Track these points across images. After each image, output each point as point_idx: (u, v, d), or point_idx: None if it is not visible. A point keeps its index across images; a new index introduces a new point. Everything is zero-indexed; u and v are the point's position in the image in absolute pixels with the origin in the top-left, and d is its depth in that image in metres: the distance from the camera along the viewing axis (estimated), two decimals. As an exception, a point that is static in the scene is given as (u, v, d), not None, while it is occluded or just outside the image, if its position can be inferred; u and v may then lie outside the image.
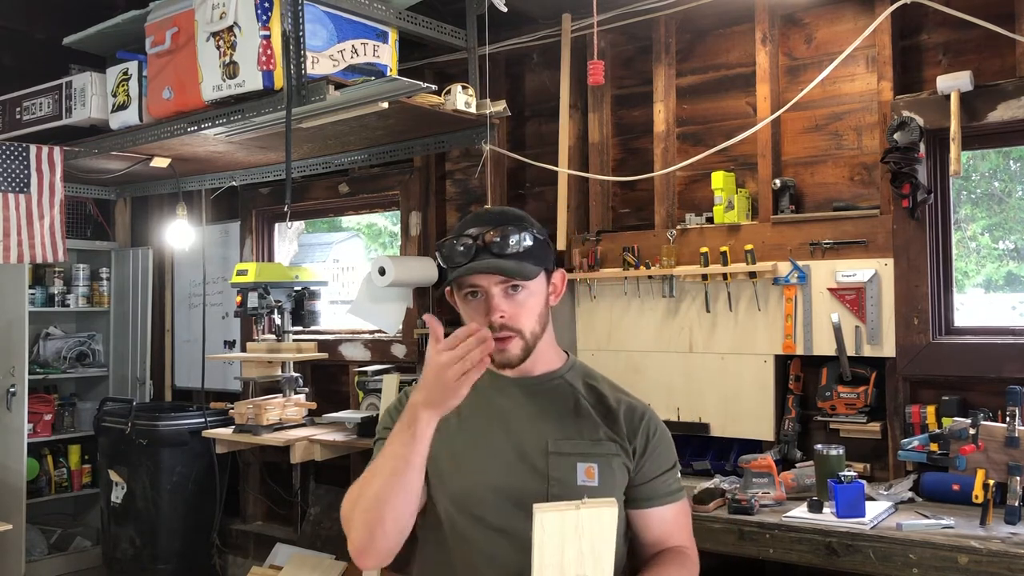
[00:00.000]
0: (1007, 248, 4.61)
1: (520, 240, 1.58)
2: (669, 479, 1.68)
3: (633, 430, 1.67)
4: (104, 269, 5.52)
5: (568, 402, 1.68)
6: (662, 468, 1.68)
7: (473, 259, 1.57)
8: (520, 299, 1.59)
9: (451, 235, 1.63)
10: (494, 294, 1.57)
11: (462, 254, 1.57)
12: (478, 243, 1.57)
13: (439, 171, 4.32)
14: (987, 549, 2.32)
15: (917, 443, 2.85)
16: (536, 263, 1.61)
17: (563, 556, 1.38)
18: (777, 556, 2.64)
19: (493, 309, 1.57)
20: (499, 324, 1.56)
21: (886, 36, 3.08)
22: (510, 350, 1.59)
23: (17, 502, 4.62)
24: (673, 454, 1.72)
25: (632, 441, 1.65)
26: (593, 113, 3.79)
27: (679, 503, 1.70)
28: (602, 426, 1.66)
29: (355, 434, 3.98)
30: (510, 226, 1.59)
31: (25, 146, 4.07)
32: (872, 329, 3.06)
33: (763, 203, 3.33)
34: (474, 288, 1.59)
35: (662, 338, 3.50)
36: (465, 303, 1.62)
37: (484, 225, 1.60)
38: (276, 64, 3.00)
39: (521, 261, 1.58)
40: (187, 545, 4.63)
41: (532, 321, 1.61)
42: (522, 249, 1.58)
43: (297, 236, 5.30)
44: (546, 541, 1.37)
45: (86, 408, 5.39)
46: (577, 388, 1.71)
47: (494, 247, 1.56)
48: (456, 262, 1.58)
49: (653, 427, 1.69)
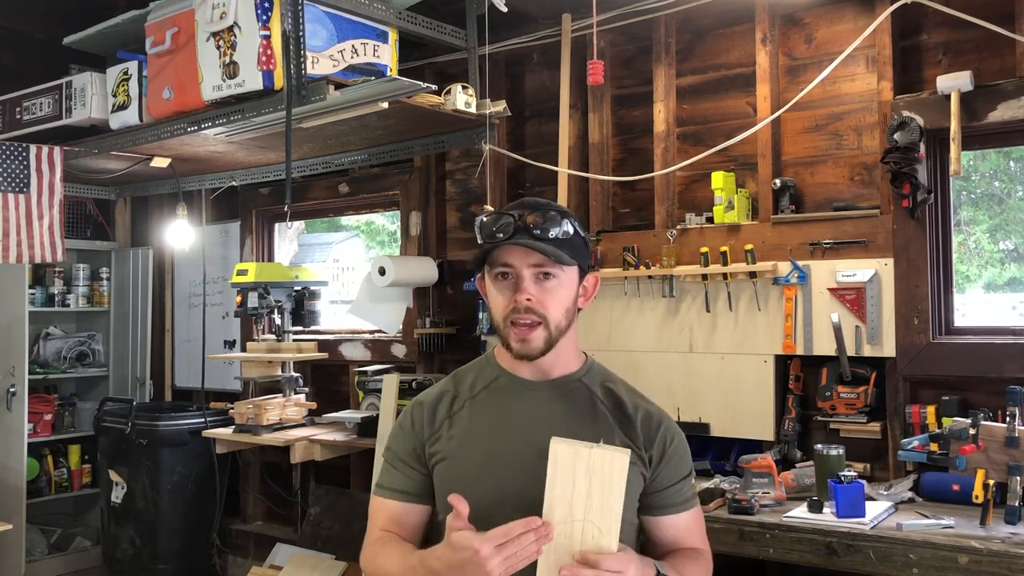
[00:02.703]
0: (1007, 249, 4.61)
1: (560, 228, 1.57)
2: (684, 487, 1.67)
3: (650, 439, 1.64)
4: (104, 269, 5.52)
5: (585, 406, 1.66)
6: (677, 477, 1.66)
7: (512, 237, 1.55)
8: (550, 286, 1.57)
9: (492, 214, 1.62)
10: (525, 276, 1.56)
11: (501, 230, 1.56)
12: (518, 223, 1.56)
13: (439, 171, 4.32)
14: (987, 549, 2.32)
15: (917, 443, 2.85)
16: (571, 255, 1.58)
17: (573, 493, 1.39)
18: (777, 556, 2.64)
19: (522, 290, 1.55)
20: (524, 306, 1.55)
21: (886, 36, 3.08)
22: (532, 340, 1.56)
23: (17, 502, 4.62)
24: (689, 462, 1.70)
25: (648, 449, 1.63)
26: (593, 113, 3.79)
27: (693, 510, 1.69)
28: (618, 432, 1.63)
29: (355, 434, 3.98)
30: (552, 211, 1.58)
31: (25, 146, 4.07)
32: (872, 329, 3.06)
33: (763, 203, 3.33)
34: (505, 268, 1.57)
35: (662, 338, 3.50)
36: (494, 282, 1.60)
37: (527, 209, 1.59)
38: (276, 64, 3.00)
39: (558, 248, 1.56)
40: (187, 545, 4.63)
41: (559, 312, 1.58)
42: (561, 236, 1.57)
43: (297, 236, 5.30)
44: (558, 475, 1.40)
45: (86, 408, 5.39)
46: (595, 392, 1.68)
47: (533, 228, 1.55)
48: (493, 238, 1.56)
49: (670, 436, 1.66)
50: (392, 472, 1.67)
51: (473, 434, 1.62)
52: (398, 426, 1.71)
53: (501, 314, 1.58)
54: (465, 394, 1.68)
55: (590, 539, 1.40)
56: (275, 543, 4.53)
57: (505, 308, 1.57)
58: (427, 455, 1.64)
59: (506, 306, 1.57)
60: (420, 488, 1.64)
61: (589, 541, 1.40)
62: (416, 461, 1.65)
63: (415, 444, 1.66)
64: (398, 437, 1.69)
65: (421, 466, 1.65)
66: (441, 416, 1.66)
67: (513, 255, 1.56)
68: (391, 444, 1.70)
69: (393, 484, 1.66)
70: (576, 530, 1.40)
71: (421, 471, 1.65)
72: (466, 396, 1.68)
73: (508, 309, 1.57)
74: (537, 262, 1.56)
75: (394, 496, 1.65)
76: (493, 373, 1.69)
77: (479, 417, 1.62)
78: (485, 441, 1.61)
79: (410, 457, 1.66)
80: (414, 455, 1.65)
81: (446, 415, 1.66)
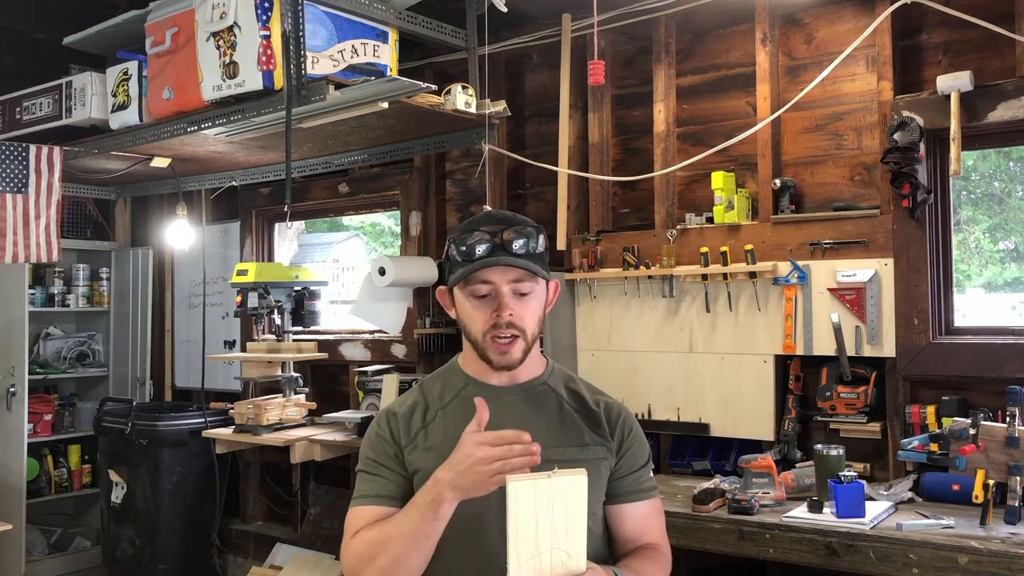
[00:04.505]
0: (1007, 248, 4.61)
1: (535, 242, 1.62)
2: (642, 476, 1.72)
3: (611, 428, 1.71)
4: (104, 269, 5.52)
5: (553, 408, 1.71)
6: (636, 465, 1.71)
7: (491, 255, 1.59)
8: (527, 300, 1.62)
9: (463, 231, 1.63)
10: (504, 293, 1.60)
11: (480, 250, 1.59)
12: (496, 241, 1.59)
13: (439, 171, 4.32)
14: (987, 549, 2.32)
15: (917, 443, 2.85)
16: (544, 267, 1.65)
17: (537, 527, 1.39)
18: (777, 556, 2.64)
19: (504, 307, 1.59)
20: (507, 322, 1.59)
21: (886, 36, 3.08)
22: (513, 352, 1.62)
23: (17, 502, 4.62)
24: (646, 452, 1.75)
25: (612, 439, 1.70)
26: (593, 113, 3.79)
27: (652, 500, 1.73)
28: (587, 431, 1.69)
29: (355, 434, 3.97)
30: (528, 227, 1.62)
31: (25, 146, 4.07)
32: (872, 329, 3.06)
33: (763, 203, 3.33)
34: (484, 285, 1.60)
35: (662, 338, 3.50)
36: (470, 300, 1.62)
37: (499, 224, 1.62)
38: (276, 64, 3.00)
39: (534, 262, 1.61)
40: (187, 545, 4.63)
41: (534, 323, 1.65)
42: (536, 251, 1.62)
43: (297, 236, 5.30)
44: (520, 512, 1.39)
45: (86, 408, 5.40)
46: (560, 393, 1.73)
47: (511, 246, 1.59)
48: (474, 257, 1.59)
49: (628, 425, 1.73)
50: (373, 480, 1.64)
51: (449, 444, 1.59)
52: (374, 436, 1.69)
53: (481, 329, 1.62)
54: (436, 404, 1.70)
55: (559, 565, 1.40)
56: (275, 543, 4.53)
57: (485, 324, 1.61)
58: (406, 463, 1.64)
59: (486, 322, 1.61)
60: (404, 493, 1.61)
61: (559, 568, 1.40)
62: (399, 466, 1.64)
63: (395, 450, 1.65)
64: (376, 445, 1.67)
65: (403, 470, 1.64)
66: (416, 426, 1.67)
67: (493, 273, 1.60)
68: (368, 454, 1.68)
69: (376, 491, 1.63)
70: (544, 561, 1.40)
71: (404, 475, 1.63)
72: (437, 406, 1.69)
73: (488, 325, 1.61)
74: (516, 278, 1.61)
75: (379, 502, 1.61)
76: (460, 381, 1.72)
77: (453, 426, 1.62)
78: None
79: (392, 462, 1.64)
80: (396, 460, 1.64)
81: (420, 426, 1.67)
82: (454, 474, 1.45)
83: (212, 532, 4.74)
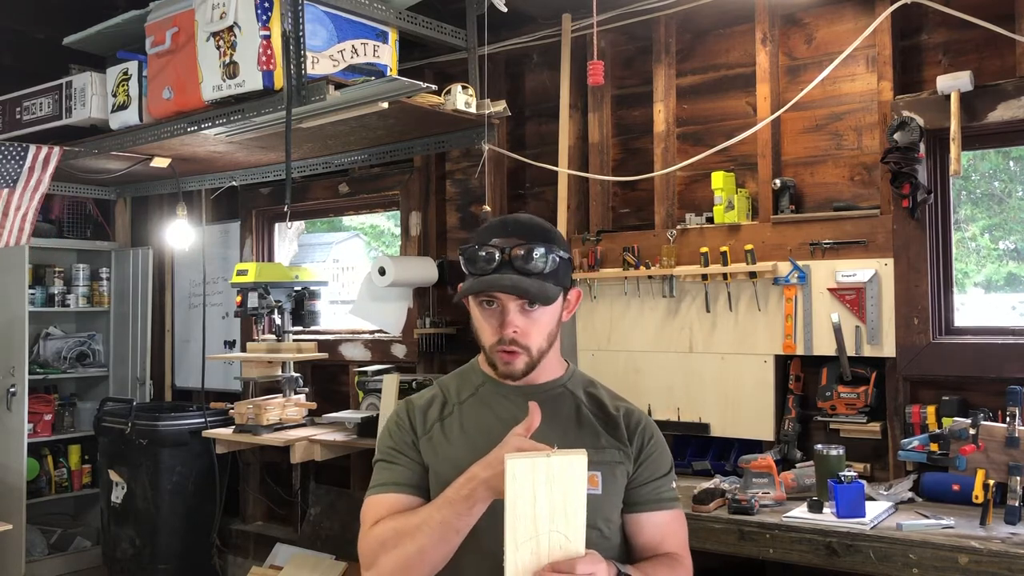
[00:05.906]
0: (1007, 248, 4.61)
1: (545, 260, 1.58)
2: (662, 485, 1.68)
3: (630, 433, 1.68)
4: (104, 269, 5.52)
5: (570, 411, 1.69)
6: (656, 473, 1.68)
7: (496, 271, 1.57)
8: (535, 316, 1.60)
9: (476, 239, 1.61)
10: (510, 309, 1.58)
11: (485, 262, 1.57)
12: (503, 256, 1.57)
13: (439, 171, 4.32)
14: (987, 549, 2.32)
15: (917, 443, 2.85)
16: (557, 283, 1.61)
17: (535, 508, 1.36)
18: (777, 556, 2.64)
19: (507, 324, 1.58)
20: (510, 339, 1.58)
21: (886, 36, 3.08)
22: (515, 364, 1.61)
23: (17, 502, 4.62)
24: (668, 462, 1.71)
25: (631, 445, 1.67)
26: (593, 113, 3.79)
27: (673, 511, 1.69)
28: (604, 434, 1.66)
29: (355, 434, 3.98)
30: (538, 243, 1.58)
31: (25, 146, 4.07)
32: (872, 329, 3.06)
33: (763, 203, 3.33)
34: (491, 298, 1.59)
35: (662, 338, 3.50)
36: (480, 308, 1.62)
37: (512, 237, 1.59)
38: (276, 64, 3.00)
39: (544, 281, 1.58)
40: (187, 545, 4.63)
41: (541, 338, 1.62)
42: (546, 269, 1.58)
43: (297, 236, 5.30)
44: (518, 491, 1.35)
45: (86, 408, 5.40)
46: (579, 396, 1.72)
47: (517, 262, 1.56)
48: (478, 271, 1.58)
49: (649, 432, 1.70)
50: (391, 468, 1.64)
51: (465, 438, 1.62)
52: (393, 425, 1.70)
53: (488, 340, 1.63)
54: (453, 399, 1.70)
55: (557, 548, 1.38)
56: (275, 543, 4.53)
57: (492, 337, 1.61)
58: (421, 452, 1.64)
59: (492, 335, 1.61)
60: (422, 480, 1.62)
61: (557, 551, 1.38)
62: (417, 454, 1.64)
63: (413, 438, 1.66)
64: (394, 434, 1.68)
65: (420, 457, 1.64)
66: (432, 418, 1.67)
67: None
68: (386, 442, 1.68)
69: (394, 479, 1.63)
70: (543, 544, 1.37)
71: (422, 464, 1.64)
72: (455, 401, 1.69)
73: (495, 339, 1.60)
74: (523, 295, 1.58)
75: (398, 489, 1.61)
76: (479, 379, 1.72)
77: (470, 421, 1.63)
78: (477, 445, 1.61)
79: (410, 449, 1.65)
80: (413, 447, 1.65)
81: (437, 418, 1.67)
82: (491, 473, 1.44)
83: (212, 532, 4.74)
